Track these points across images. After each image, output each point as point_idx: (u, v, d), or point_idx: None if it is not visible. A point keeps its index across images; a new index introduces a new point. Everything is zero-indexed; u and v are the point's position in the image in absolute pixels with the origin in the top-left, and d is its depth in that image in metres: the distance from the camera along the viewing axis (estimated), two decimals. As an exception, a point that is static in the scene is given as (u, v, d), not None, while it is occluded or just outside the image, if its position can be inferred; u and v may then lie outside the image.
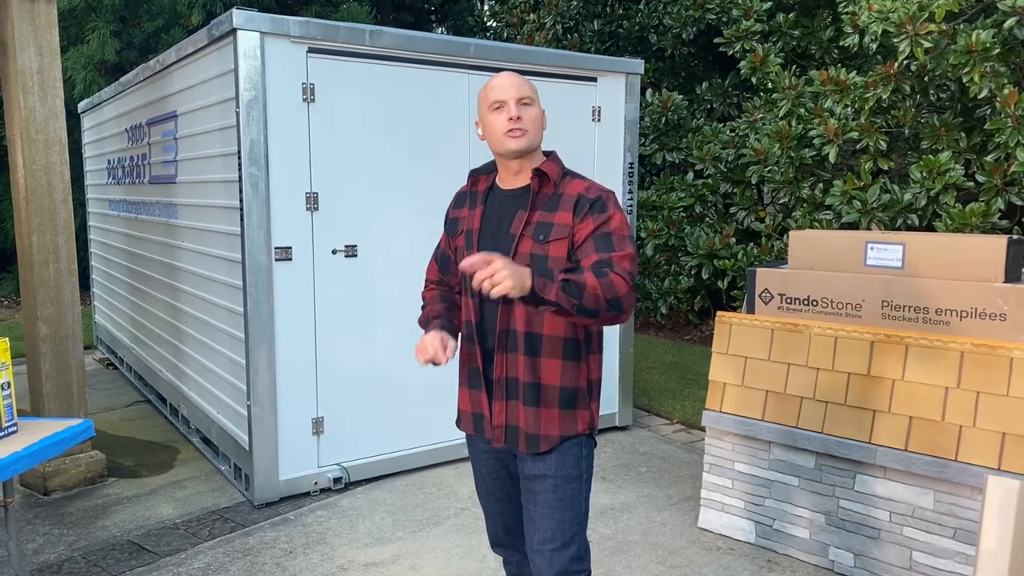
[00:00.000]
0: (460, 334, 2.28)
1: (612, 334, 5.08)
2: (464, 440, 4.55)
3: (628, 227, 2.07)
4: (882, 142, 5.47)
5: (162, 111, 4.99)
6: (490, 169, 2.27)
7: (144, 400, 5.93)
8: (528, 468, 2.18)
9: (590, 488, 2.24)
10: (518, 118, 2.07)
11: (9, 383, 2.60)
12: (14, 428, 2.63)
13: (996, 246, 3.01)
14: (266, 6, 9.67)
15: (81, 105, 7.56)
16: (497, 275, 1.75)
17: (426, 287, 2.44)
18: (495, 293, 1.76)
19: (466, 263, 1.81)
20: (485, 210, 2.21)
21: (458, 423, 2.34)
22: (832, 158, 5.63)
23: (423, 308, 2.37)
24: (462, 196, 2.32)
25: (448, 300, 2.35)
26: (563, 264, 2.07)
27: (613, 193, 2.11)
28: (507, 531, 2.39)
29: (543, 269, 1.93)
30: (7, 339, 2.62)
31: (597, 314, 1.90)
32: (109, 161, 6.61)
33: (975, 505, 2.91)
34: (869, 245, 3.29)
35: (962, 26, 5.00)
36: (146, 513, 3.92)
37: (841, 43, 5.81)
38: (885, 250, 3.24)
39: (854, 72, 5.68)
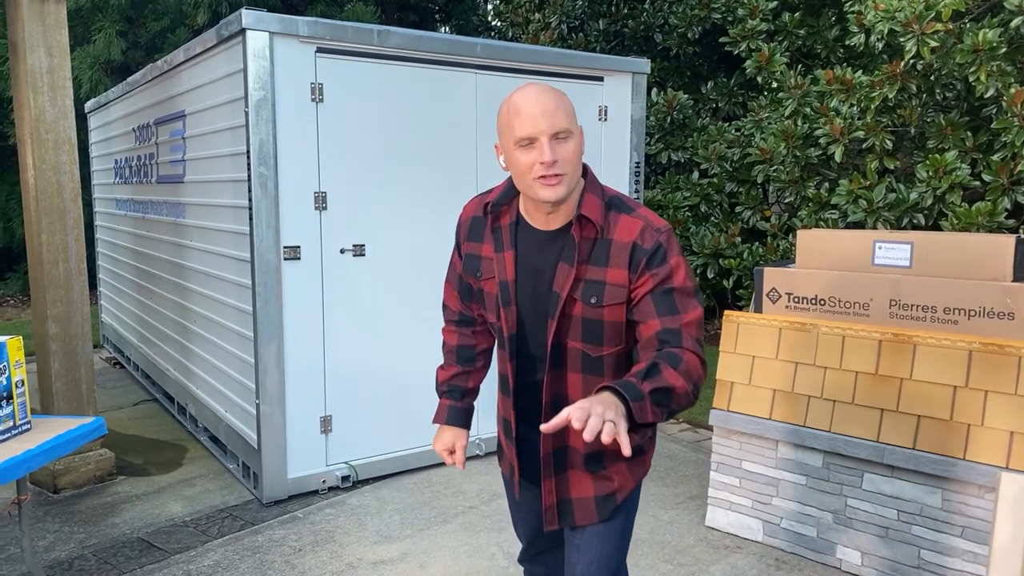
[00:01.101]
0: (498, 382, 2.04)
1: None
2: (473, 440, 4.56)
3: (692, 277, 1.76)
4: (888, 141, 5.47)
5: (170, 111, 5.01)
6: (511, 197, 1.88)
7: (151, 399, 5.95)
8: None
9: (636, 510, 2.06)
10: (553, 162, 1.68)
11: (23, 381, 2.62)
12: (28, 426, 2.64)
13: (1004, 245, 3.02)
14: (272, 6, 9.67)
15: (88, 105, 7.58)
16: (606, 427, 1.40)
17: (446, 324, 2.17)
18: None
19: (549, 428, 1.45)
20: (518, 255, 1.85)
21: (497, 454, 2.14)
22: (838, 157, 5.63)
23: (442, 364, 2.15)
24: (477, 224, 1.94)
25: (467, 355, 2.11)
26: (621, 329, 1.79)
27: (670, 232, 1.76)
28: (539, 552, 2.22)
29: (626, 384, 1.55)
30: (21, 337, 2.64)
31: (681, 410, 1.65)
32: (116, 161, 6.63)
33: (984, 504, 2.92)
34: (877, 244, 3.29)
35: (968, 25, 5.00)
36: (155, 511, 3.94)
37: (847, 42, 5.81)
38: (893, 249, 3.25)
39: (860, 71, 5.68)
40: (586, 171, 1.82)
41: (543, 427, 1.45)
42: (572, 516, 1.91)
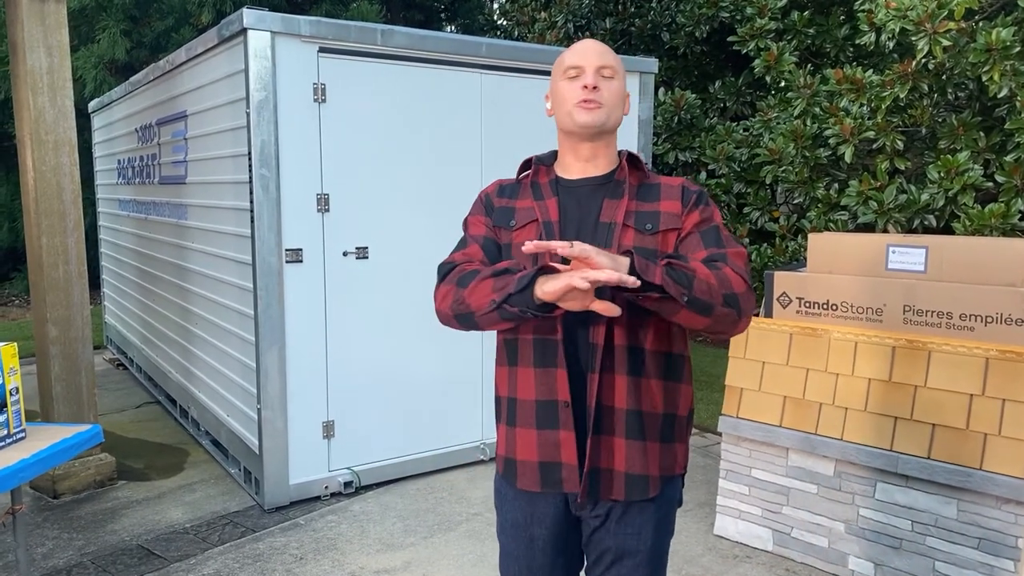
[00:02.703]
0: (522, 358, 1.77)
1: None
2: (477, 444, 4.50)
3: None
4: (899, 142, 5.39)
5: (172, 111, 4.96)
6: (551, 160, 1.86)
7: (154, 401, 5.91)
8: (614, 532, 1.77)
9: (670, 538, 1.87)
10: (595, 88, 1.72)
11: (18, 388, 2.56)
12: (22, 434, 2.59)
13: (1022, 250, 2.94)
14: (276, 5, 9.63)
15: (91, 105, 7.55)
16: (594, 261, 1.45)
17: (458, 266, 1.79)
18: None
19: (532, 246, 1.48)
20: (560, 201, 1.79)
21: (509, 476, 1.82)
22: (848, 158, 5.55)
23: (469, 279, 1.69)
24: (507, 188, 1.87)
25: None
26: None
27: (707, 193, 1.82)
28: None
29: (641, 250, 1.62)
30: (15, 344, 2.59)
31: (711, 310, 1.57)
32: (119, 161, 6.59)
33: (1001, 515, 2.85)
34: (891, 248, 3.22)
35: (981, 24, 4.92)
36: (155, 517, 3.89)
37: (857, 41, 5.73)
38: (907, 253, 3.18)
39: (870, 71, 5.60)
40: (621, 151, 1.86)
41: (526, 246, 1.48)
42: (599, 487, 1.73)
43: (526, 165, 1.87)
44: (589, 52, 1.76)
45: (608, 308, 1.54)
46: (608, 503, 1.76)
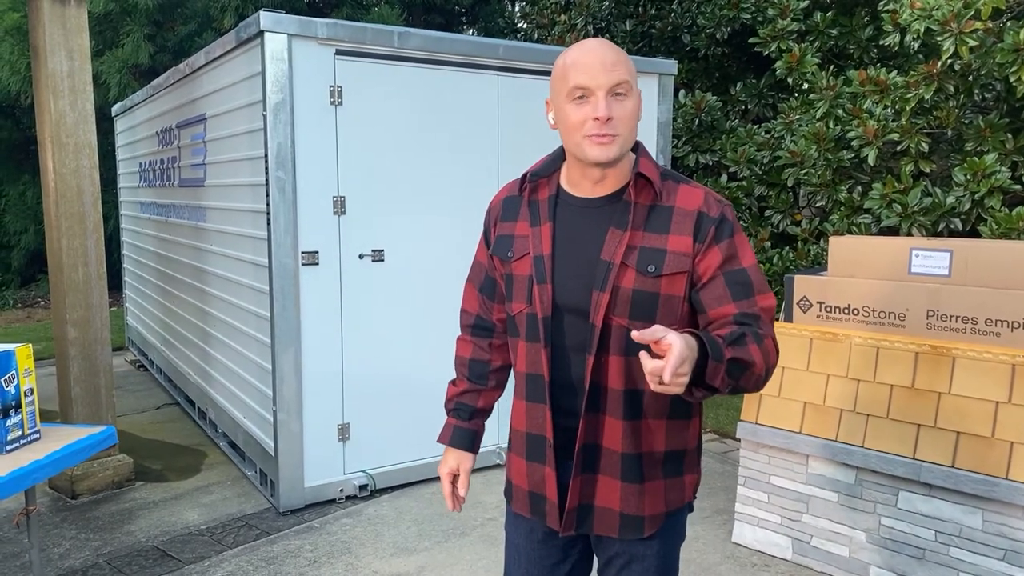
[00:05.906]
0: (516, 390, 1.78)
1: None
2: (493, 448, 4.47)
3: (754, 255, 1.61)
4: (924, 144, 5.30)
5: (191, 114, 4.99)
6: (552, 169, 1.71)
7: (173, 403, 5.94)
8: (619, 550, 1.73)
9: (677, 563, 1.82)
10: (608, 119, 1.52)
11: (32, 389, 2.57)
12: (37, 435, 2.60)
13: (1050, 254, 2.87)
14: (297, 9, 9.68)
15: (115, 108, 7.62)
16: (682, 368, 1.32)
17: (462, 332, 1.95)
18: (667, 390, 1.33)
19: (643, 335, 1.33)
20: (556, 228, 1.66)
21: (508, 497, 1.84)
22: (871, 160, 5.46)
23: (453, 379, 1.94)
24: (511, 204, 1.75)
25: (479, 371, 1.89)
26: (677, 305, 1.60)
27: (731, 206, 1.63)
28: None
29: (713, 342, 1.44)
30: (30, 345, 2.60)
31: (743, 392, 1.54)
32: (141, 164, 6.65)
33: (1027, 526, 2.77)
34: (914, 252, 3.15)
35: (1009, 23, 4.82)
36: (172, 518, 3.90)
37: (881, 42, 5.65)
38: (931, 257, 3.11)
39: (894, 72, 5.51)
40: (637, 146, 1.67)
41: (635, 335, 1.32)
42: (591, 522, 1.69)
43: (523, 180, 1.74)
44: (598, 68, 1.52)
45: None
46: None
